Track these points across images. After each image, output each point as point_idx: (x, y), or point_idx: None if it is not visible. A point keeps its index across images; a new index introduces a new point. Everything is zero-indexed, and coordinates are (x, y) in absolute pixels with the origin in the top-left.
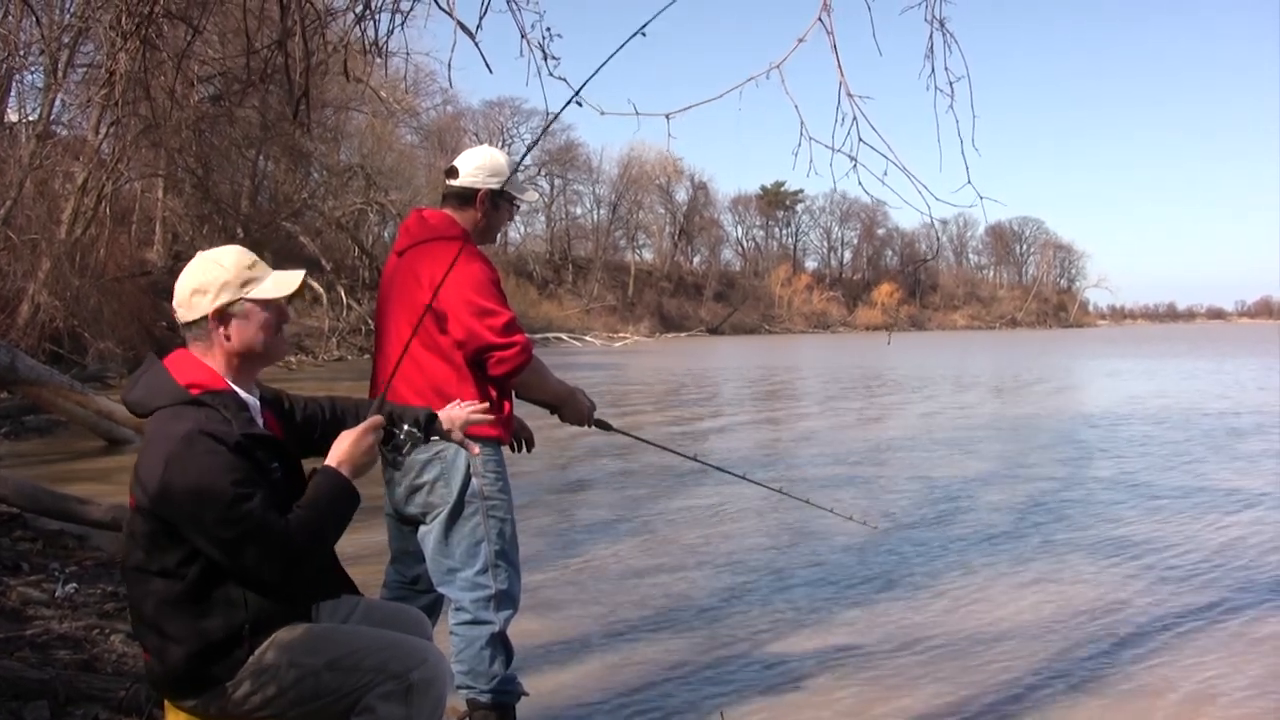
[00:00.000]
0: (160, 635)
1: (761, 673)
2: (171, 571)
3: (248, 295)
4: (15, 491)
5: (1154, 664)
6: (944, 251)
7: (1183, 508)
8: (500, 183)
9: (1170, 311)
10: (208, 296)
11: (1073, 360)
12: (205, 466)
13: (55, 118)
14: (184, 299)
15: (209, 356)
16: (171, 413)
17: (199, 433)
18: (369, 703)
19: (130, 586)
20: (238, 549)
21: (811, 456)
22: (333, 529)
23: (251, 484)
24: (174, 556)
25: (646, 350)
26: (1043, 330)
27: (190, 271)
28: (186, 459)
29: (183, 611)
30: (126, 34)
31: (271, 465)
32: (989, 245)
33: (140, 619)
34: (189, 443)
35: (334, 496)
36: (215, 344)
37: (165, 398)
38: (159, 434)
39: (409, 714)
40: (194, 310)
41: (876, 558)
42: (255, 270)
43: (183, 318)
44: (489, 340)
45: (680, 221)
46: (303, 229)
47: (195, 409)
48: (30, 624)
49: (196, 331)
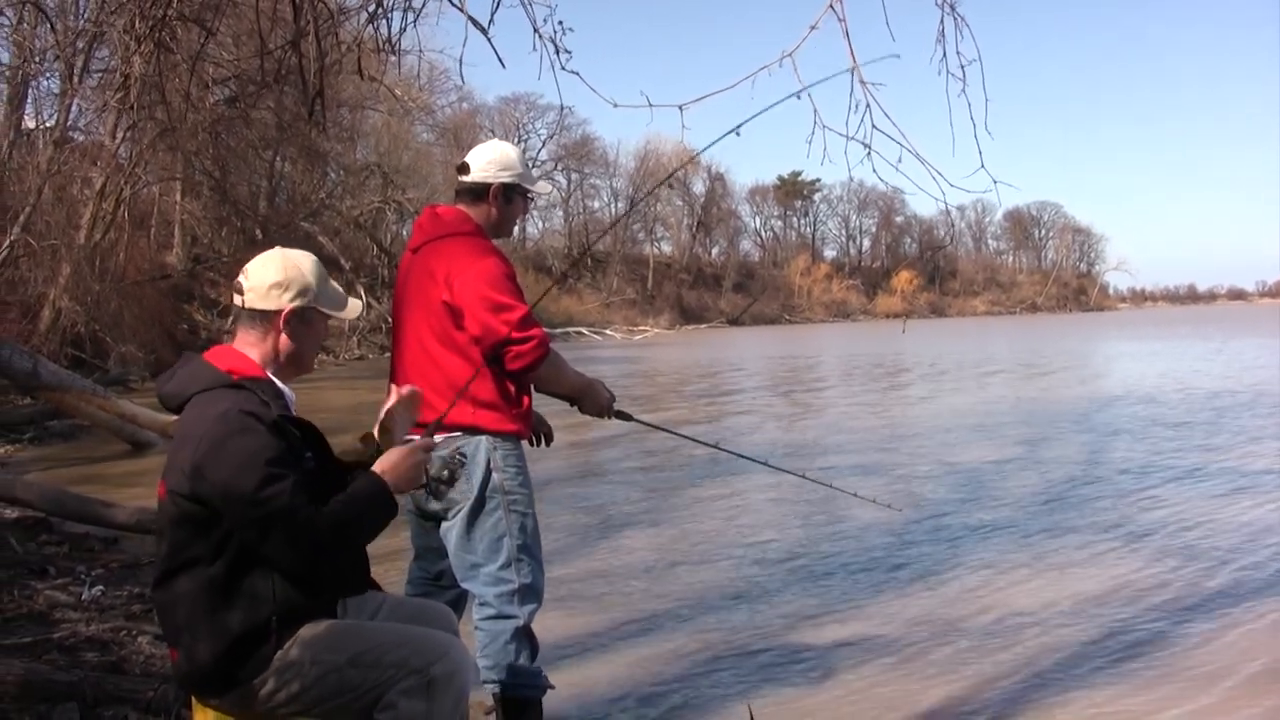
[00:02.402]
0: (188, 631)
1: (787, 665)
2: (201, 561)
3: (320, 306)
4: (41, 496)
5: (1183, 649)
6: (962, 237)
7: (1207, 490)
8: (512, 176)
9: (1191, 293)
10: (287, 294)
11: (1091, 344)
12: (241, 444)
13: (72, 123)
14: (261, 287)
15: (256, 349)
16: (209, 395)
17: (237, 411)
18: (391, 699)
19: (159, 583)
20: (264, 530)
21: (833, 443)
22: (362, 531)
23: (285, 465)
24: (205, 544)
25: (667, 343)
26: (1063, 314)
27: (273, 263)
28: (223, 435)
29: (211, 605)
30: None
31: (305, 454)
32: (1007, 230)
33: (168, 616)
34: (225, 420)
35: (371, 501)
36: (270, 339)
37: (203, 383)
38: (196, 415)
39: (430, 709)
40: (268, 301)
41: (900, 544)
42: (328, 284)
43: (251, 304)
44: (505, 335)
45: (698, 213)
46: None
47: (234, 391)
48: (58, 627)
49: (257, 321)
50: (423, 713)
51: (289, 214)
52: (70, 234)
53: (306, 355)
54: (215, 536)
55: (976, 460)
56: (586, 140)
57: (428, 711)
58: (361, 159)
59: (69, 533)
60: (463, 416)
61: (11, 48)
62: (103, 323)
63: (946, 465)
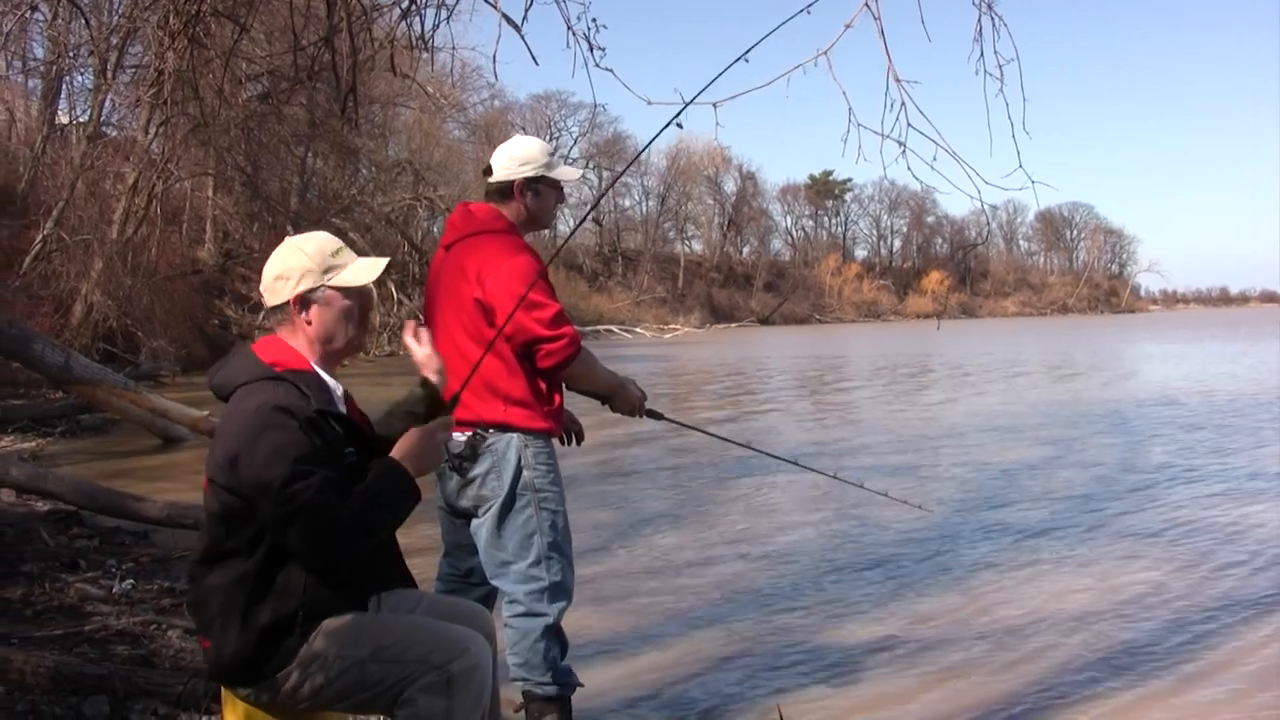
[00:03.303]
0: (220, 621)
1: (817, 665)
2: (238, 553)
3: (329, 282)
4: (72, 490)
5: (1207, 652)
6: (994, 238)
7: (1236, 493)
8: (534, 169)
9: (1223, 296)
10: (290, 282)
11: (1121, 346)
12: (271, 441)
13: (105, 118)
14: (268, 284)
15: (293, 341)
16: (250, 388)
17: (272, 407)
18: (410, 695)
19: (195, 573)
20: (285, 528)
21: (863, 443)
22: (385, 522)
23: (314, 463)
24: (242, 535)
25: (697, 341)
26: (1094, 316)
27: (275, 257)
28: (255, 431)
29: (243, 597)
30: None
31: (345, 449)
32: (1039, 231)
33: (202, 606)
34: (258, 414)
35: (392, 490)
36: (298, 329)
37: (247, 375)
38: (235, 408)
39: (450, 706)
40: (277, 295)
41: (929, 545)
42: (339, 258)
43: (268, 302)
44: (537, 333)
45: (729, 212)
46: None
47: (274, 384)
48: (88, 620)
49: (280, 317)
50: (442, 710)
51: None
52: (103, 229)
53: (336, 335)
54: (251, 529)
55: (1005, 461)
56: (618, 138)
57: (448, 709)
58: (393, 156)
59: (100, 526)
60: (494, 414)
61: (46, 43)
62: (134, 317)
63: (976, 466)
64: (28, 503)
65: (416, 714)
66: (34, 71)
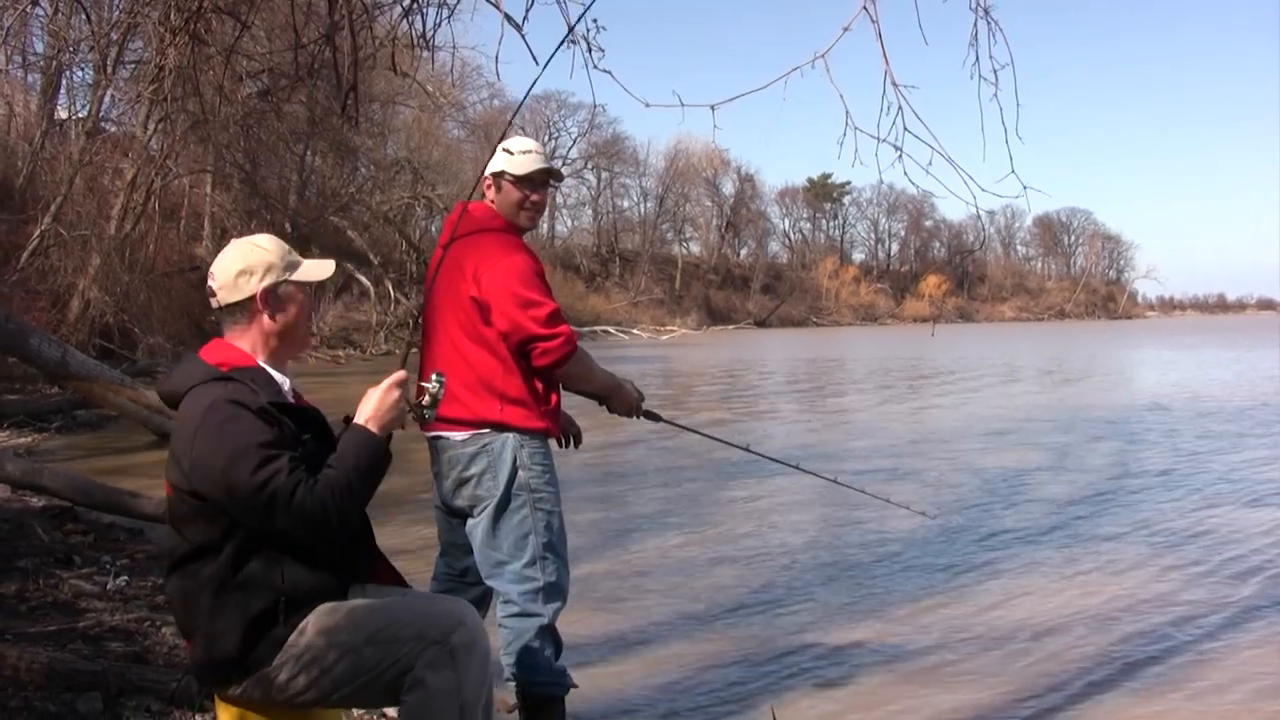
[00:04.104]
0: (201, 620)
1: (813, 668)
2: (208, 552)
3: (290, 277)
4: (67, 485)
5: (1205, 660)
6: (991, 243)
7: (1234, 499)
8: (499, 164)
9: (1220, 302)
10: (254, 277)
11: (1116, 351)
12: (230, 431)
13: (104, 114)
14: (228, 280)
15: (244, 339)
16: (200, 389)
17: (224, 401)
18: (418, 675)
19: (172, 578)
20: (269, 511)
21: (861, 447)
22: (364, 487)
23: (278, 445)
24: (210, 534)
25: (693, 343)
26: (1091, 321)
27: (232, 254)
28: (212, 427)
29: (221, 593)
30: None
31: (302, 436)
32: (1036, 236)
33: (180, 608)
34: (214, 410)
35: (362, 453)
36: (255, 325)
37: (195, 379)
38: (188, 411)
39: (459, 677)
40: (239, 291)
41: (927, 550)
42: (293, 255)
43: (225, 299)
44: (533, 331)
45: (727, 214)
46: (350, 223)
47: (222, 384)
48: (82, 616)
49: (237, 314)
50: (453, 681)
51: (318, 208)
52: (101, 224)
53: (297, 329)
54: (218, 528)
55: (1001, 466)
56: (617, 139)
57: (457, 680)
58: (392, 154)
59: (95, 522)
60: (490, 413)
61: (46, 38)
62: (131, 313)
63: (973, 471)
64: (22, 498)
65: (428, 694)
66: (34, 66)
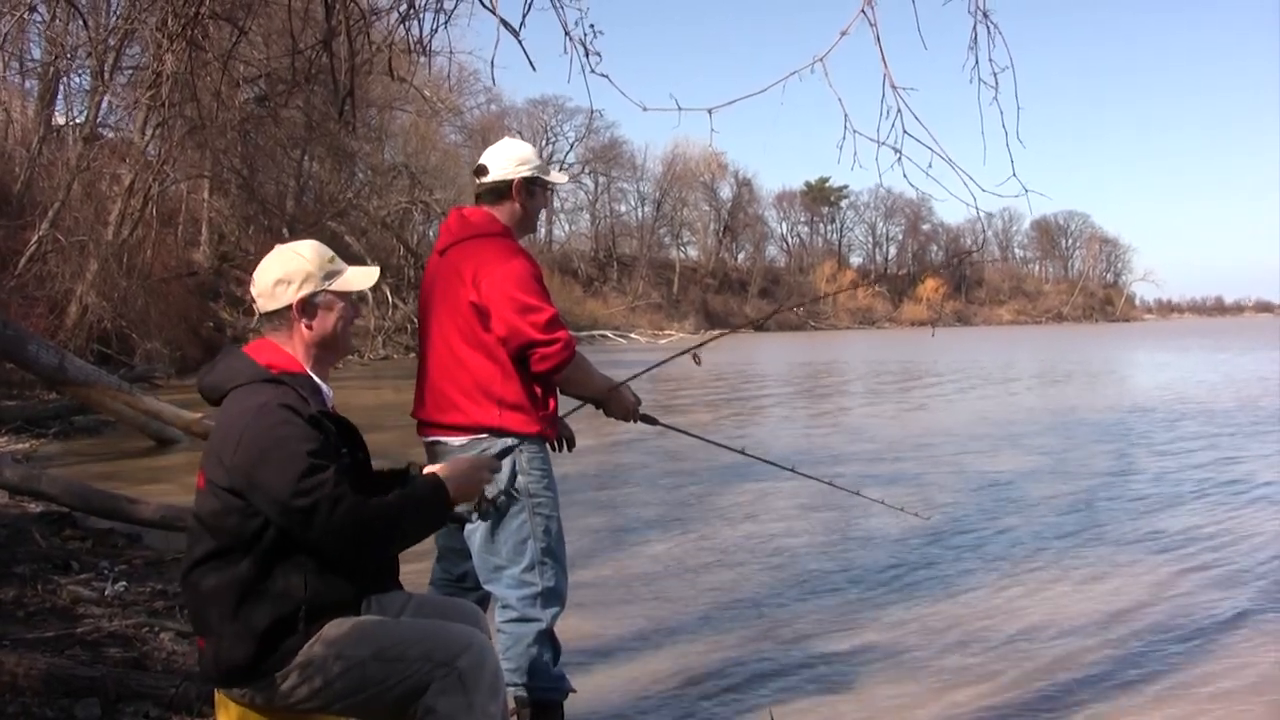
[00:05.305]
0: (219, 622)
1: (811, 671)
2: (235, 552)
3: (329, 287)
4: (65, 491)
5: (1203, 661)
6: (989, 246)
7: (1231, 501)
8: (532, 169)
9: (1218, 305)
10: (292, 286)
11: (1113, 354)
12: (282, 435)
13: (102, 120)
14: (266, 289)
15: (288, 346)
16: (249, 389)
17: (276, 405)
18: (429, 703)
19: (191, 574)
20: (309, 518)
21: (857, 449)
22: (409, 530)
23: (326, 456)
24: (239, 536)
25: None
26: (1088, 325)
27: (273, 262)
28: (264, 429)
29: (242, 597)
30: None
31: (341, 449)
32: (1034, 240)
33: (198, 605)
34: (266, 413)
35: (426, 503)
36: (295, 334)
37: (244, 377)
38: (235, 408)
39: (470, 700)
40: (277, 300)
41: (925, 553)
42: (335, 264)
43: (264, 307)
44: (532, 336)
45: (725, 218)
46: (348, 228)
47: (272, 386)
48: (80, 622)
49: (276, 321)
50: (464, 706)
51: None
52: (98, 230)
53: (336, 338)
54: (250, 529)
55: (997, 468)
56: (614, 143)
57: (469, 704)
58: (389, 159)
59: (93, 528)
60: (488, 418)
61: (44, 44)
62: (129, 319)
63: (969, 473)
64: (20, 504)
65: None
66: (31, 72)
